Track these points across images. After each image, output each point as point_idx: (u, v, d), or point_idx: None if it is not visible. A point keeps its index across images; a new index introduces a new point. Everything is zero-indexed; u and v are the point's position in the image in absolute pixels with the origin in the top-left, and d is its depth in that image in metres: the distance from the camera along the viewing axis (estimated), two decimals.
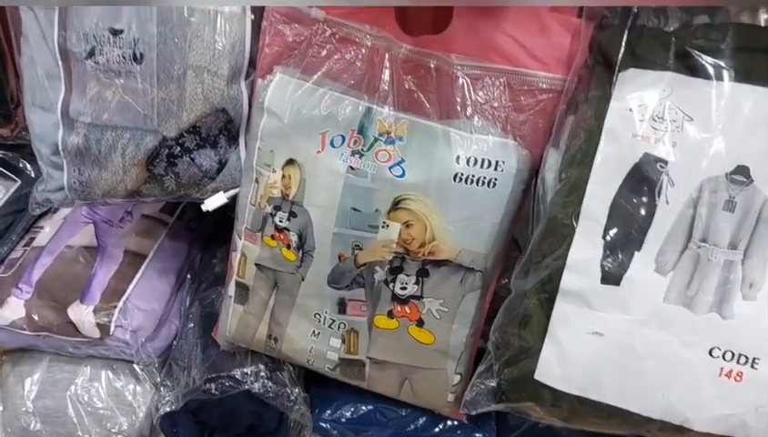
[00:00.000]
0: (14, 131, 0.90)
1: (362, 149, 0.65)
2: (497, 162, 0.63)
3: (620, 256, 0.52)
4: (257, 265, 0.73)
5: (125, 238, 0.91)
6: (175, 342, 0.88)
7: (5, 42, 0.86)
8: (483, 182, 0.63)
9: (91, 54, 0.66)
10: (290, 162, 0.68)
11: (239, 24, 0.68)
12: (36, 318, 0.83)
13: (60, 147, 0.71)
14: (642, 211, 0.51)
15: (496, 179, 0.63)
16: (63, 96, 0.69)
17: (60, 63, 0.68)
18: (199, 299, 0.89)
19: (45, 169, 0.74)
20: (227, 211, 0.77)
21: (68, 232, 0.91)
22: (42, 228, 0.93)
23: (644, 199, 0.51)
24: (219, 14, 0.67)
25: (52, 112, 0.70)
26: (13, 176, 0.92)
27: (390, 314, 0.70)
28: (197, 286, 0.92)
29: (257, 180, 0.71)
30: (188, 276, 0.94)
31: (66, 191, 0.73)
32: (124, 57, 0.66)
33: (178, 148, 0.71)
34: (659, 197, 0.51)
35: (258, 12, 0.69)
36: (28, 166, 0.93)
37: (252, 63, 0.70)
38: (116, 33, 0.66)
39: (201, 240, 0.98)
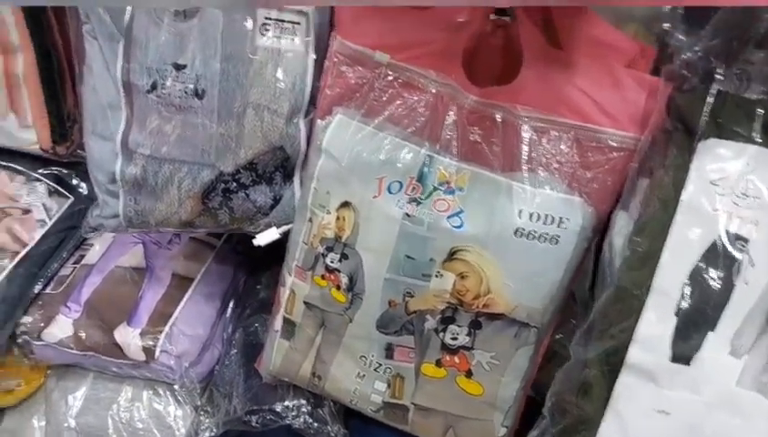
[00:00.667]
0: (69, 149, 0.91)
1: (420, 197, 0.63)
2: (561, 219, 0.61)
3: (692, 334, 0.50)
4: (305, 303, 0.72)
5: (172, 260, 0.91)
6: (216, 368, 0.88)
7: (64, 62, 0.87)
8: (545, 238, 0.61)
9: (153, 87, 0.66)
10: (345, 204, 0.67)
11: (301, 63, 0.68)
12: (84, 338, 0.83)
13: (118, 177, 0.71)
14: (719, 290, 0.49)
15: (559, 236, 0.61)
16: (123, 126, 0.69)
17: (122, 94, 0.68)
18: (243, 325, 0.89)
19: (101, 196, 0.74)
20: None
21: (118, 252, 0.92)
22: (92, 245, 0.94)
23: (722, 278, 0.49)
24: (282, 52, 0.67)
25: (111, 142, 0.70)
26: (66, 193, 0.93)
27: (439, 363, 0.68)
28: (241, 311, 0.92)
29: (310, 220, 0.70)
30: (232, 300, 0.94)
31: (121, 219, 0.74)
32: (186, 92, 0.66)
33: (234, 184, 0.70)
34: (737, 276, 0.49)
35: (321, 51, 0.68)
36: (81, 183, 0.94)
37: (312, 101, 0.70)
38: (179, 67, 0.66)
39: (247, 264, 0.98)
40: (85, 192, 0.94)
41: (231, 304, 0.93)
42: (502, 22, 0.63)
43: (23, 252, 0.87)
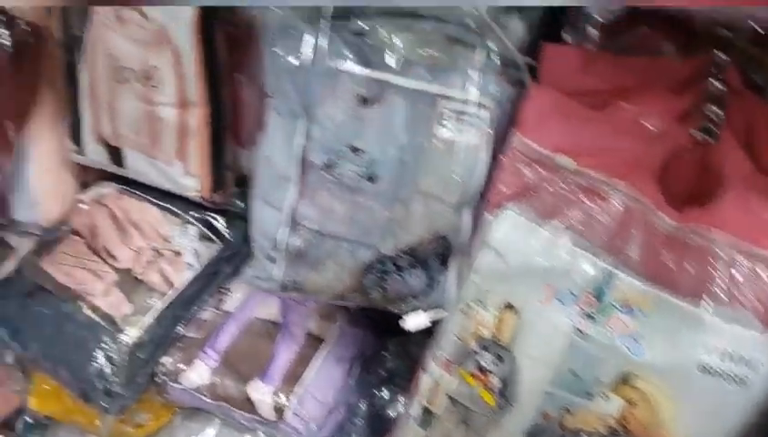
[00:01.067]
0: (223, 197, 0.94)
1: (595, 313, 0.60)
2: (753, 360, 0.56)
3: None
4: (450, 397, 0.70)
5: (307, 318, 0.92)
6: (337, 434, 0.88)
7: (233, 113, 0.91)
8: (733, 379, 0.56)
9: (329, 166, 0.67)
10: (508, 306, 0.64)
11: (476, 155, 0.66)
12: (219, 388, 0.85)
13: (280, 245, 0.72)
14: None
15: (748, 378, 0.56)
16: (293, 199, 0.70)
17: (297, 168, 0.69)
18: (369, 394, 0.88)
19: (261, 259, 0.76)
20: None
21: (255, 302, 0.94)
22: (231, 291, 0.96)
23: None
24: (459, 144, 0.66)
25: (279, 211, 0.71)
26: (216, 239, 0.96)
27: None
28: (368, 378, 0.91)
29: (466, 313, 0.68)
30: (359, 365, 0.93)
31: (277, 283, 0.75)
32: (359, 175, 0.67)
33: (392, 266, 0.70)
34: None
35: (498, 145, 0.66)
36: (231, 231, 0.97)
37: (481, 194, 0.68)
38: (355, 151, 0.66)
39: (375, 328, 0.97)
40: (233, 240, 0.97)
41: (358, 369, 0.93)
42: (704, 140, 0.59)
43: (172, 294, 0.90)
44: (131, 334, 0.87)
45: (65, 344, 0.87)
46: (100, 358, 0.86)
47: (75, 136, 0.95)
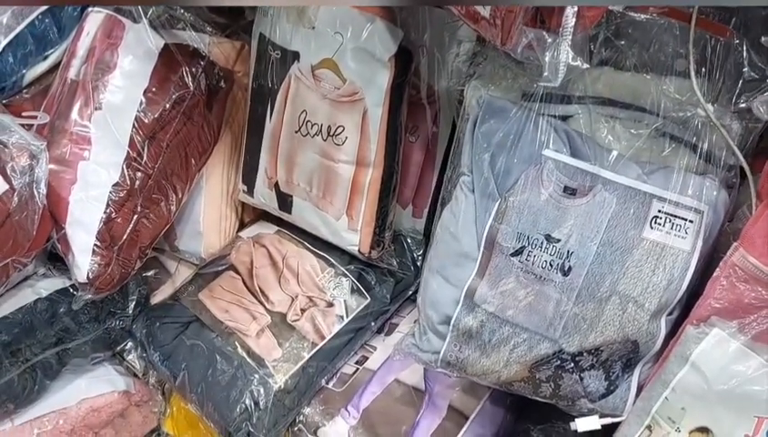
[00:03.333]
0: (380, 254, 0.95)
1: None
2: None
3: None
4: None
5: (451, 389, 0.89)
6: None
7: (398, 175, 0.92)
8: None
9: (518, 252, 0.65)
10: (703, 430, 0.59)
11: (684, 261, 0.62)
12: None
13: (451, 322, 0.70)
14: None
15: None
16: (472, 278, 0.68)
17: (482, 249, 0.68)
18: None
19: (426, 332, 0.74)
20: None
21: (399, 364, 0.93)
22: (374, 348, 0.96)
23: None
24: (667, 247, 0.62)
25: (455, 288, 0.70)
26: (366, 293, 0.96)
27: None
28: None
29: (650, 428, 0.63)
30: None
31: (439, 359, 0.73)
32: (551, 265, 0.64)
33: (571, 364, 0.66)
34: None
35: (707, 251, 0.62)
36: (380, 287, 0.97)
37: (681, 301, 0.64)
38: (551, 240, 0.64)
39: (517, 409, 0.93)
40: (381, 296, 0.97)
41: None
42: None
43: (320, 344, 0.91)
44: (279, 379, 0.88)
45: (214, 379, 0.89)
46: (247, 399, 0.87)
47: (248, 177, 1.00)
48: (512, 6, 0.48)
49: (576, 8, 0.45)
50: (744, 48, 0.60)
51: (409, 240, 1.02)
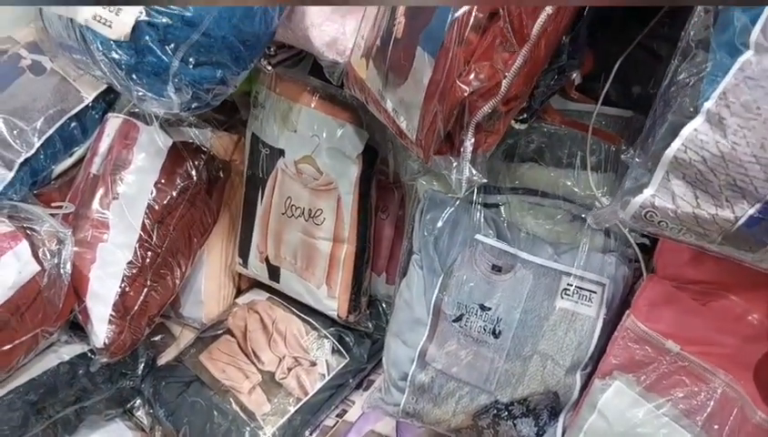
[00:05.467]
0: (357, 317, 1.09)
1: None
2: None
3: None
4: None
5: None
6: None
7: (370, 249, 1.06)
8: None
9: (459, 319, 0.79)
10: None
11: (591, 326, 0.76)
12: None
13: (408, 378, 0.84)
14: None
15: None
16: (423, 341, 0.82)
17: (431, 316, 0.81)
18: None
19: (389, 387, 0.88)
20: None
21: (375, 416, 1.05)
22: (353, 402, 1.09)
23: None
24: (576, 314, 0.76)
25: (411, 349, 0.83)
26: (345, 353, 1.09)
27: None
28: None
29: None
30: None
31: (399, 409, 0.86)
32: (484, 329, 0.78)
33: (506, 413, 0.79)
34: None
35: (611, 317, 0.75)
36: (358, 348, 1.10)
37: (592, 358, 0.77)
38: (484, 309, 0.78)
39: None
40: (359, 356, 1.10)
41: None
42: None
43: (304, 399, 1.04)
44: (268, 431, 1.00)
45: (212, 432, 1.02)
46: None
47: (243, 252, 1.15)
48: (430, 132, 0.63)
49: (473, 139, 0.61)
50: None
51: (384, 305, 1.15)
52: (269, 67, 0.93)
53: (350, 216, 1.00)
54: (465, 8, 0.58)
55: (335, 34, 0.79)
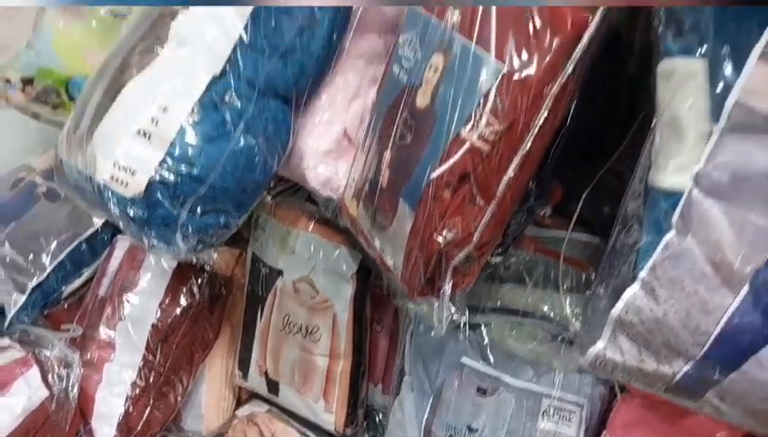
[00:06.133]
0: (354, 430, 1.12)
1: None
2: None
3: None
4: None
5: None
6: None
7: (366, 364, 1.11)
8: None
9: None
10: None
11: None
12: None
13: None
14: None
15: None
16: None
17: (421, 435, 0.85)
18: None
19: None
20: None
21: None
22: None
23: None
24: (558, 434, 0.80)
25: None
26: None
27: None
28: None
29: None
30: None
31: None
32: None
33: None
34: None
35: (591, 434, 0.80)
36: None
37: None
38: (471, 430, 0.82)
39: None
40: None
41: None
42: None
43: None
44: None
45: None
46: None
47: (243, 366, 1.19)
48: (413, 275, 0.70)
49: (451, 282, 0.67)
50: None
51: (381, 416, 1.19)
52: (269, 198, 1.01)
53: (346, 332, 1.05)
54: (440, 170, 0.66)
55: (329, 174, 0.87)
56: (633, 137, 0.84)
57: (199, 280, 1.14)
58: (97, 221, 1.19)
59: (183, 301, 1.12)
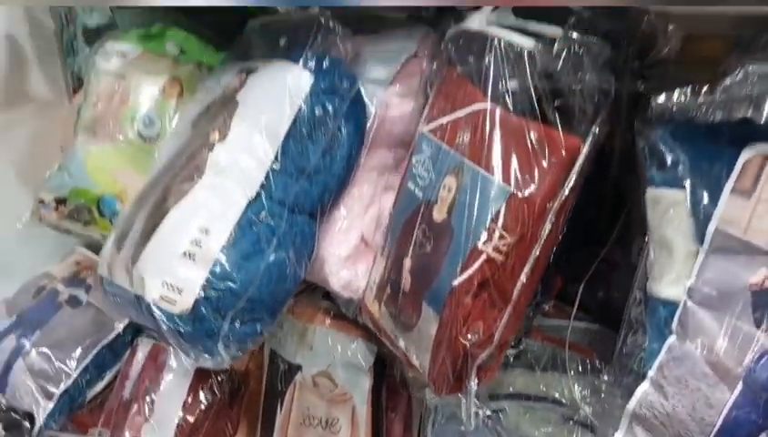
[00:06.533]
0: None
1: None
2: None
3: None
4: None
5: None
6: None
7: None
8: None
9: None
10: None
11: None
12: None
13: None
14: None
15: None
16: None
17: None
18: None
19: None
20: None
21: None
22: None
23: None
24: None
25: None
26: None
27: None
28: None
29: None
30: None
31: None
32: None
33: None
34: None
35: None
36: None
37: None
38: None
39: None
40: None
41: None
42: None
43: None
44: None
45: None
46: None
47: None
48: (440, 374, 0.77)
49: (476, 380, 0.75)
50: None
51: None
52: None
53: (365, 424, 1.10)
54: (461, 278, 0.74)
55: (349, 278, 0.95)
56: (621, 228, 0.94)
57: (219, 378, 1.19)
58: (119, 325, 1.24)
59: (205, 399, 1.16)
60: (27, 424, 1.11)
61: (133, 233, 0.86)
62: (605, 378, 0.71)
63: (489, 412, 0.92)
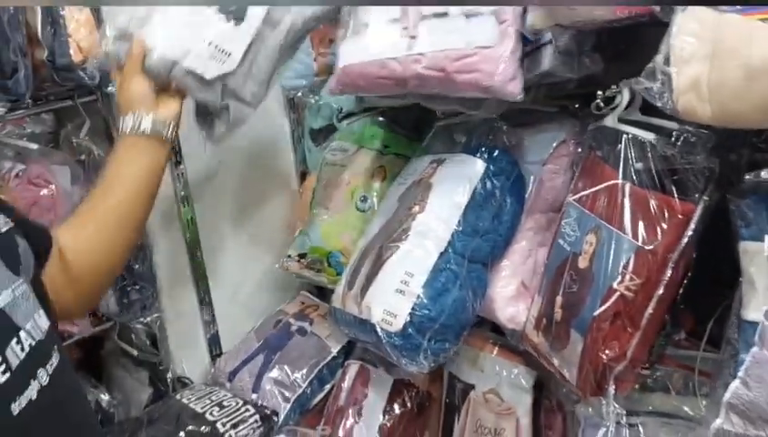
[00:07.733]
0: None
1: None
2: None
3: None
4: None
5: None
6: None
7: None
8: None
9: None
10: None
11: None
12: None
13: None
14: None
15: None
16: None
17: None
18: None
19: None
20: None
21: None
22: None
23: None
24: None
25: None
26: None
27: None
28: None
29: None
30: None
31: None
32: None
33: None
34: None
35: None
36: None
37: None
38: None
39: None
40: None
41: None
42: None
43: None
44: None
45: None
46: None
47: None
48: (586, 381, 1.04)
49: (614, 386, 1.00)
50: None
51: None
52: None
53: (527, 433, 1.37)
54: (601, 310, 1.01)
55: (513, 313, 1.25)
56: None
57: (410, 393, 1.53)
58: (334, 350, 1.63)
59: (400, 408, 1.50)
60: (275, 418, 1.51)
61: (360, 277, 1.25)
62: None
63: (630, 423, 1.16)
